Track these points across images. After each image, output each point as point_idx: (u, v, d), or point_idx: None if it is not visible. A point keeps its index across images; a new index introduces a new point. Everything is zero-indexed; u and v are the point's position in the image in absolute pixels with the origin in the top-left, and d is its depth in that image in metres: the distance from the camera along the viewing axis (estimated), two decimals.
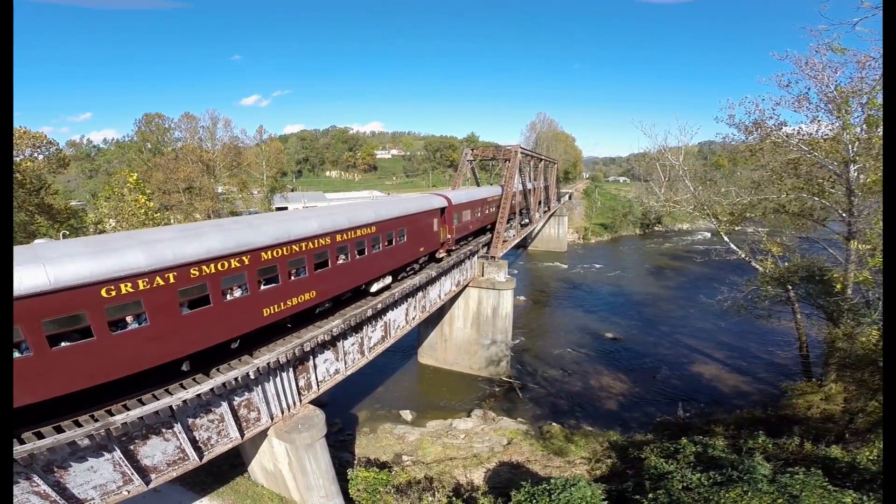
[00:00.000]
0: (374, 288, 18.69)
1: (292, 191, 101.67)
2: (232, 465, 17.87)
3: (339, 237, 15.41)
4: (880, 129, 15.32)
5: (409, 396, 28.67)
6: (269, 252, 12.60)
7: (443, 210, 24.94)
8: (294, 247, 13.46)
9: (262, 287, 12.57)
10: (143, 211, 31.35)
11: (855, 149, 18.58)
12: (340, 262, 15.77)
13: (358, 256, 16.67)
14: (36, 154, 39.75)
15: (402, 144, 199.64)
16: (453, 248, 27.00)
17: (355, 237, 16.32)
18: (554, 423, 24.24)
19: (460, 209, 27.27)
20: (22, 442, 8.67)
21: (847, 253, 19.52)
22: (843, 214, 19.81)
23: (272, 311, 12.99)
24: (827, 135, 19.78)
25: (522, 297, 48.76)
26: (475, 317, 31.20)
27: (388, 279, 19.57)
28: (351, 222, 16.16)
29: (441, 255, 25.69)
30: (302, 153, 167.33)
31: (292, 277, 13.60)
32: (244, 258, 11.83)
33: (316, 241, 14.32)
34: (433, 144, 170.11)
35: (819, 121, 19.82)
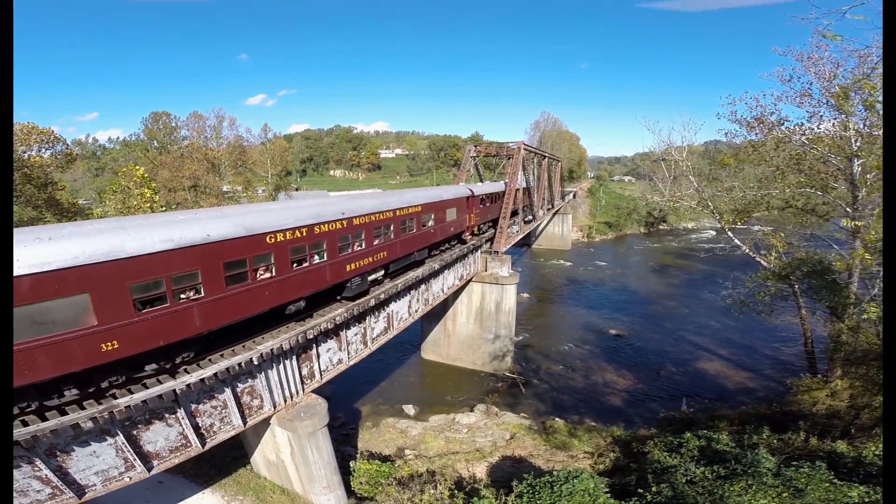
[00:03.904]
0: None
1: (297, 189, 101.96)
2: (234, 456, 17.93)
3: None
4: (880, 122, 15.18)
5: (412, 391, 28.65)
6: None
7: None
8: None
9: None
10: (148, 205, 31.56)
11: (858, 143, 18.41)
12: None
13: None
14: (43, 150, 40.17)
15: (406, 144, 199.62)
16: None
17: None
18: (557, 419, 24.16)
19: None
20: (25, 424, 8.70)
21: (852, 248, 19.33)
22: (848, 209, 19.63)
23: None
24: (830, 130, 19.59)
25: (526, 294, 48.62)
26: (478, 312, 31.12)
27: None
28: None
29: None
30: (306, 152, 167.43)
31: None
32: None
33: None
34: (437, 144, 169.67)
35: (822, 116, 19.66)
